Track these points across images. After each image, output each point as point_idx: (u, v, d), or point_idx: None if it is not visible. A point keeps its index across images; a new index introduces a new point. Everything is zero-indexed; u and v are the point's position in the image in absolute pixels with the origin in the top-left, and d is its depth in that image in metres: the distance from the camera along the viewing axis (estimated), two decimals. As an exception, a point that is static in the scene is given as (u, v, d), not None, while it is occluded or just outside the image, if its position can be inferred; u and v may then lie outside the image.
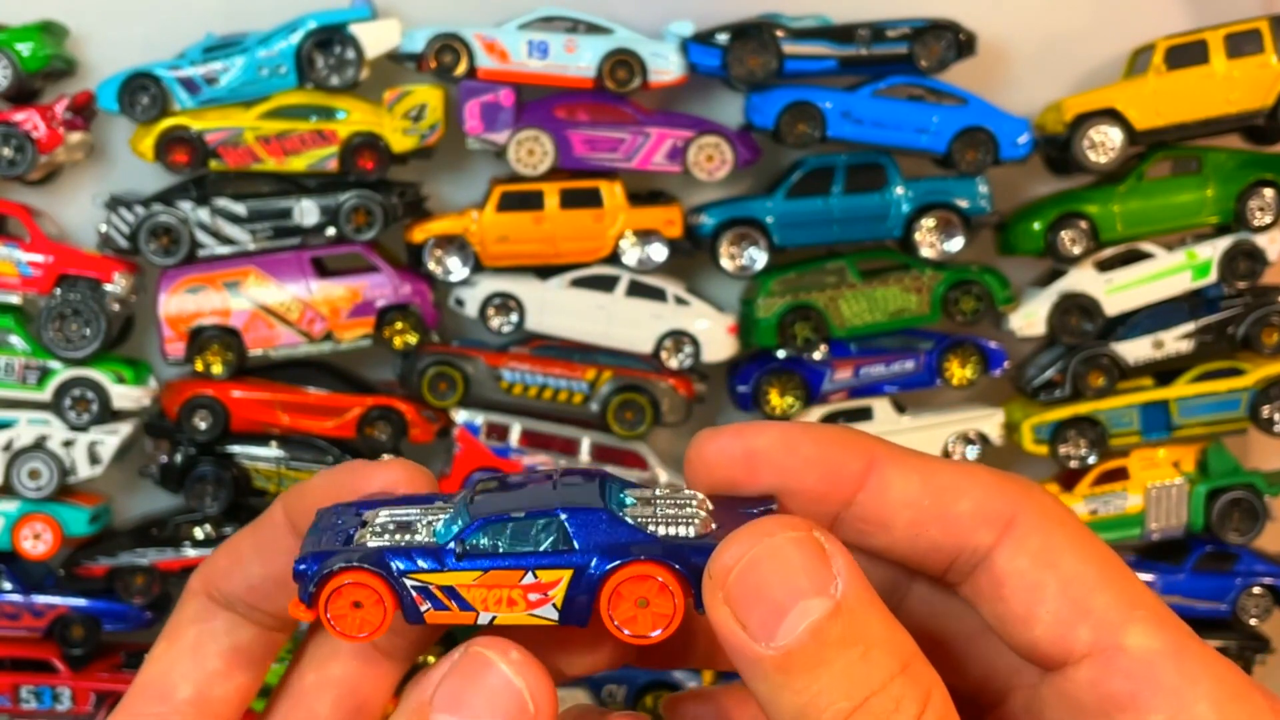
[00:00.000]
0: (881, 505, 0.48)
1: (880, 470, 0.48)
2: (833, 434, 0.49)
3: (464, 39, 1.91)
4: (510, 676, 0.44)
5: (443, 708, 0.44)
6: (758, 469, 0.48)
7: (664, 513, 0.48)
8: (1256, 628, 2.12)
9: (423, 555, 0.47)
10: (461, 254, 1.97)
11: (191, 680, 0.50)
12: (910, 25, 1.94)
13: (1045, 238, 1.99)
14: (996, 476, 0.49)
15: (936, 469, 0.48)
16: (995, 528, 0.47)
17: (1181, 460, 2.07)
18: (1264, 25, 1.96)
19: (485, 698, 0.43)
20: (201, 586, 0.52)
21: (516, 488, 0.49)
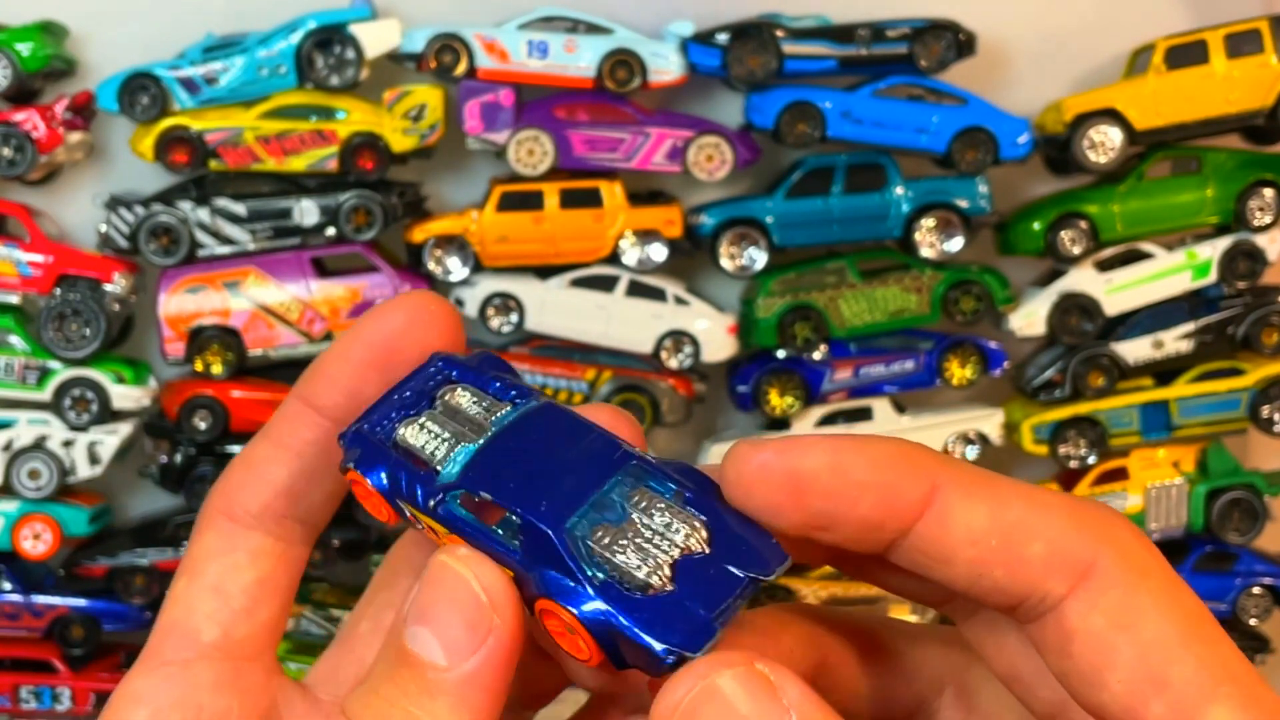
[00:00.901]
0: (942, 539, 0.42)
1: (942, 499, 0.42)
2: (890, 453, 0.43)
3: (464, 39, 1.91)
4: (462, 572, 0.43)
5: (413, 620, 0.43)
6: (804, 493, 0.42)
7: (635, 541, 0.43)
8: (1256, 628, 2.12)
9: (415, 484, 0.45)
10: (461, 254, 1.97)
11: (217, 621, 0.47)
12: (910, 25, 1.94)
13: (1045, 238, 1.99)
14: (1075, 513, 0.42)
15: (1008, 500, 0.42)
16: (1069, 577, 0.41)
17: (1181, 460, 2.07)
18: (1264, 25, 1.96)
19: (443, 599, 0.42)
20: (220, 507, 0.48)
21: (538, 438, 0.45)
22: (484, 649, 0.42)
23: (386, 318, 0.48)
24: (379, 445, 0.46)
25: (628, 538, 0.43)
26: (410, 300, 0.48)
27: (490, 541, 0.44)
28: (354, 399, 0.47)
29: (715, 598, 0.42)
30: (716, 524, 0.43)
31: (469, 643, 0.42)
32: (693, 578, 0.42)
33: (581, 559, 0.42)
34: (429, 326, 0.48)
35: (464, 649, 0.42)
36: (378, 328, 0.48)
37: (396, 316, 0.47)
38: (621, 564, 0.42)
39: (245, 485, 0.48)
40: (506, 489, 0.44)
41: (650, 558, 0.42)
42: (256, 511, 0.48)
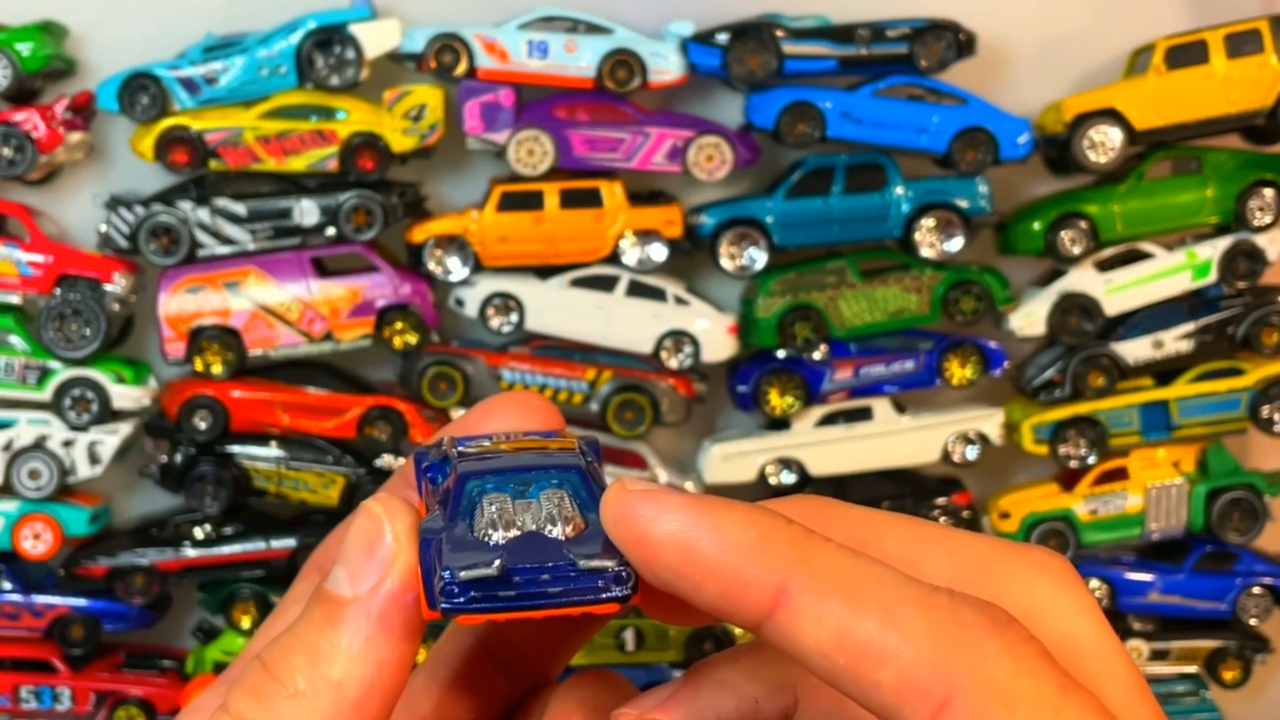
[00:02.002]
0: (791, 644, 0.38)
1: (790, 604, 0.38)
2: (743, 541, 0.39)
3: (464, 39, 1.91)
4: (372, 508, 0.44)
5: (335, 564, 0.44)
6: (653, 562, 0.40)
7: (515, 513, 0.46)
8: (1256, 628, 2.12)
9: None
10: (461, 254, 1.97)
11: None
12: (910, 25, 1.94)
13: (1045, 238, 1.99)
14: (935, 630, 0.37)
15: (861, 610, 0.37)
16: (923, 709, 0.37)
17: (1181, 460, 2.07)
18: (1264, 25, 1.96)
19: (355, 535, 0.44)
20: (315, 563, 0.50)
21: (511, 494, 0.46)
22: (386, 581, 0.43)
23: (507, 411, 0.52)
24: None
25: (512, 509, 0.45)
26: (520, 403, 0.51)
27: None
28: None
29: (526, 557, 0.43)
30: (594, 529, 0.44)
31: (370, 573, 0.43)
32: (527, 544, 0.44)
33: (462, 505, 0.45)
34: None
35: (365, 579, 0.43)
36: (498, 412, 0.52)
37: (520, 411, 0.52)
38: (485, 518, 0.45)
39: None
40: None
41: (511, 525, 0.44)
42: None
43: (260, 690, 0.43)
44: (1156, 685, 2.13)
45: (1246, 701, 2.22)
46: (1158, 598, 2.10)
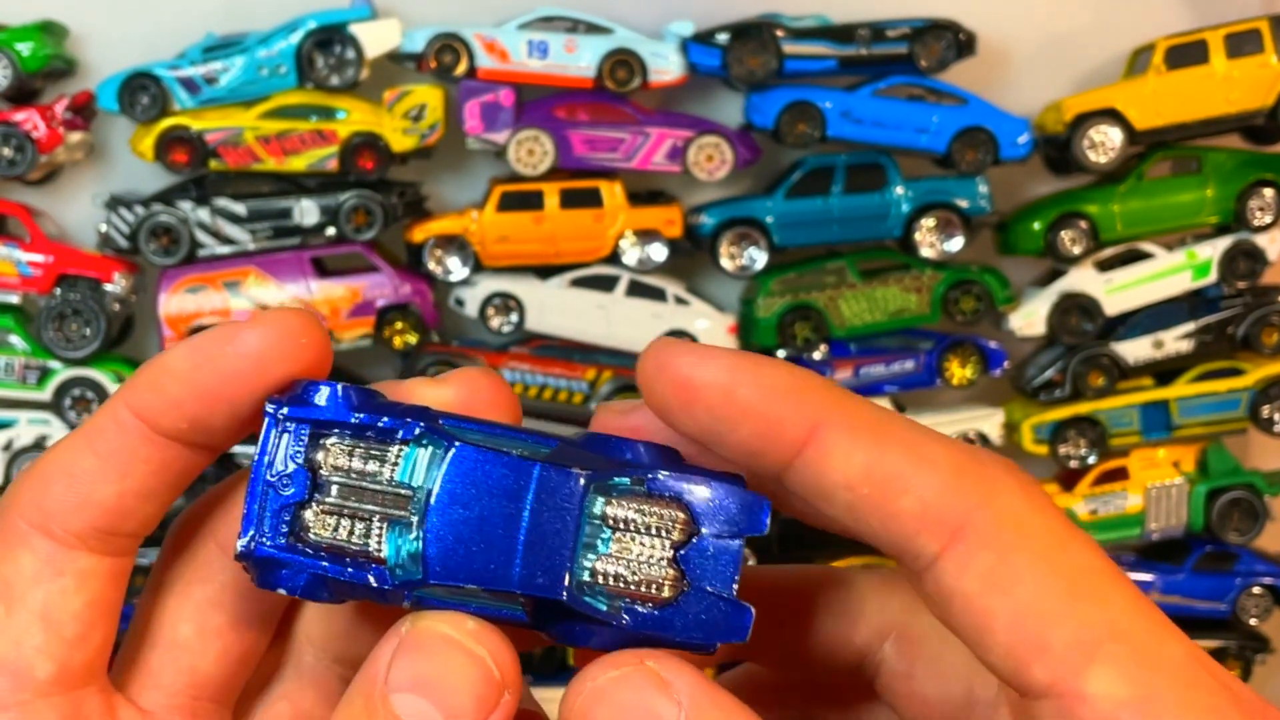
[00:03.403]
0: (818, 479, 0.40)
1: (822, 438, 0.40)
2: (780, 383, 0.40)
3: (464, 39, 1.91)
4: (470, 646, 0.40)
5: (403, 688, 0.39)
6: (692, 404, 0.41)
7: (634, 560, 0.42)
8: (1256, 628, 2.12)
9: (366, 583, 0.41)
10: (461, 254, 1.97)
11: (50, 655, 0.41)
12: (910, 25, 1.94)
13: (1045, 238, 1.99)
14: (957, 468, 0.39)
15: (888, 446, 0.40)
16: (940, 535, 0.39)
17: (1181, 460, 2.07)
18: (1264, 25, 1.96)
19: (449, 671, 0.39)
20: (35, 523, 0.42)
21: (476, 492, 0.42)
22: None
23: (243, 340, 0.42)
24: (291, 552, 0.41)
25: (625, 560, 0.42)
26: (274, 321, 0.42)
27: (485, 611, 0.41)
28: (198, 428, 0.42)
29: (725, 575, 0.41)
30: (688, 497, 0.42)
31: (475, 718, 0.39)
32: (697, 565, 0.41)
33: (598, 603, 0.41)
34: (294, 356, 0.42)
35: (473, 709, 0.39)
36: (234, 353, 0.42)
37: (254, 340, 0.42)
38: (634, 589, 0.41)
39: (67, 502, 0.42)
40: (486, 571, 0.41)
41: (653, 568, 0.41)
42: (80, 530, 0.42)
43: None
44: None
45: (1246, 701, 2.21)
46: (1158, 598, 2.10)
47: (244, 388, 0.42)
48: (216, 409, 0.42)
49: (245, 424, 0.43)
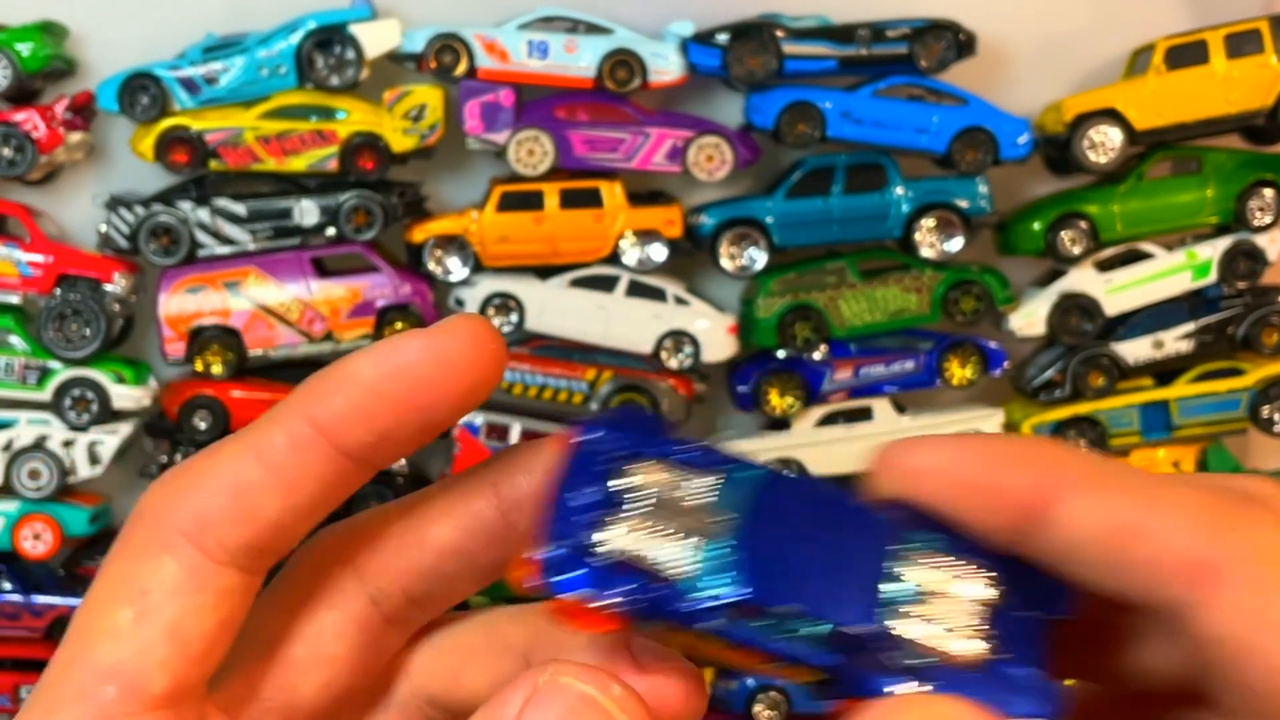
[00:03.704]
0: (1055, 543, 0.39)
1: (1053, 503, 0.38)
2: (1005, 450, 0.40)
3: (464, 39, 1.91)
4: (612, 711, 0.37)
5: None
6: (928, 489, 0.40)
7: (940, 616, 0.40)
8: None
9: (672, 600, 0.39)
10: (461, 254, 1.97)
11: (171, 672, 0.39)
12: (910, 25, 1.94)
13: (1045, 238, 1.99)
14: (1202, 506, 0.37)
15: (1125, 496, 0.38)
16: (1190, 581, 0.37)
17: (1181, 460, 2.07)
18: (1264, 25, 1.96)
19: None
20: (189, 532, 0.40)
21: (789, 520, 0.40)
22: None
23: (436, 345, 0.39)
24: (600, 560, 0.39)
25: (932, 614, 0.40)
26: (462, 327, 0.40)
27: (781, 649, 0.39)
28: (386, 441, 0.40)
29: (1032, 649, 0.40)
30: (994, 565, 0.41)
31: None
32: (1004, 635, 0.40)
33: (905, 655, 0.39)
34: (480, 361, 0.40)
35: None
36: (424, 360, 0.39)
37: (445, 344, 0.39)
38: (940, 646, 0.40)
39: (228, 514, 0.40)
40: (800, 593, 0.39)
41: (959, 633, 0.40)
42: (235, 546, 0.40)
43: None
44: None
45: (1246, 701, 2.21)
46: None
47: (437, 396, 0.39)
48: (408, 420, 0.40)
49: (428, 436, 0.41)
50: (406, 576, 0.42)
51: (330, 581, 0.44)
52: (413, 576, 0.42)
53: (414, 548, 0.42)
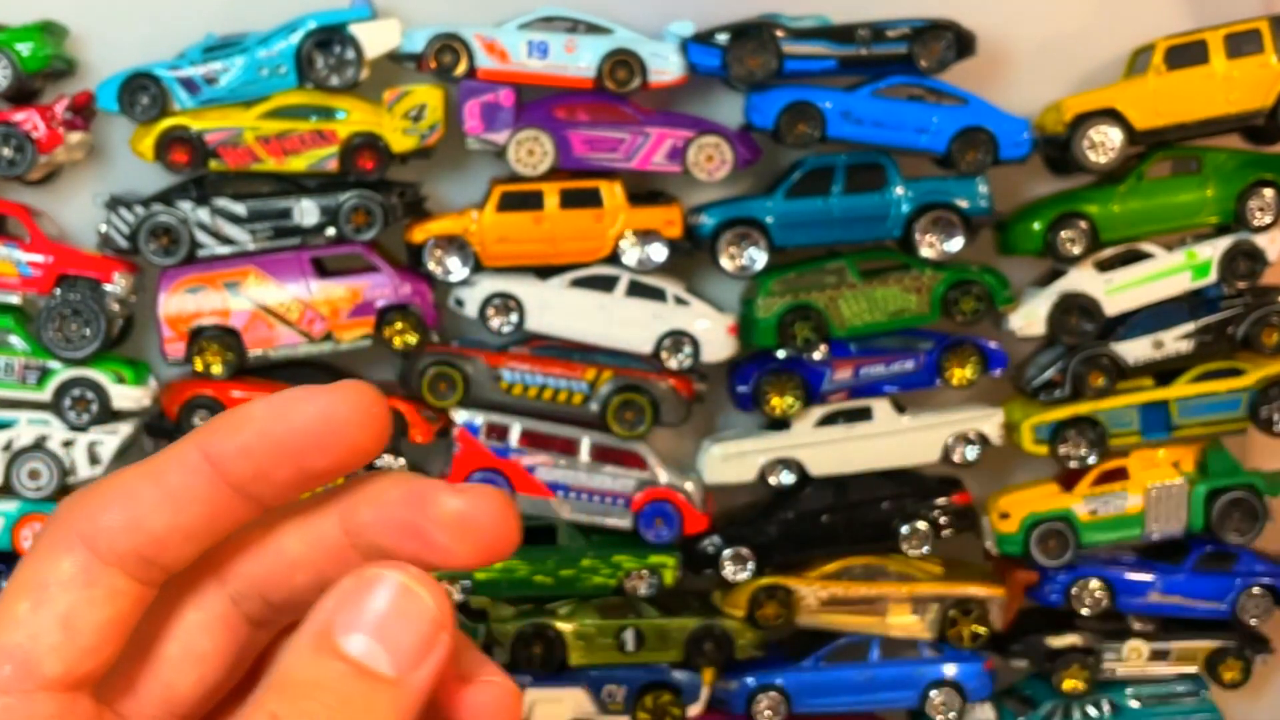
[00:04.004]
0: None
1: None
2: None
3: (464, 39, 1.91)
4: (418, 591, 0.43)
5: (348, 629, 0.43)
6: None
7: None
8: (1256, 628, 2.12)
9: None
10: (461, 254, 1.97)
11: (62, 658, 0.44)
12: (910, 25, 1.94)
13: (1045, 238, 1.99)
14: None
15: None
16: None
17: (1181, 460, 2.07)
18: (1264, 25, 1.96)
19: (395, 613, 0.43)
20: (84, 534, 0.45)
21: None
22: (431, 663, 0.43)
23: (322, 406, 0.46)
24: None
25: None
26: (350, 393, 0.46)
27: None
28: (261, 480, 0.46)
29: None
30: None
31: (417, 656, 0.43)
32: None
33: None
34: (363, 426, 0.46)
35: (412, 662, 0.43)
36: (310, 415, 0.46)
37: (332, 407, 0.46)
38: None
39: (119, 522, 0.45)
40: None
41: None
42: (123, 551, 0.45)
43: None
44: (1156, 686, 2.13)
45: (1246, 701, 2.21)
46: (1158, 598, 2.10)
47: (314, 446, 0.45)
48: (288, 465, 0.45)
49: (304, 484, 0.46)
50: (263, 583, 0.47)
51: (197, 585, 0.48)
52: (268, 583, 0.47)
53: (269, 557, 0.47)
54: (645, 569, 2.03)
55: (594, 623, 2.03)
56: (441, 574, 0.45)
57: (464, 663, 0.47)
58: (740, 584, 2.05)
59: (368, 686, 0.43)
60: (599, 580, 2.04)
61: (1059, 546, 2.04)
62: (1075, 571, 2.07)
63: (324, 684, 0.43)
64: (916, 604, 2.08)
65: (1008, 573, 2.11)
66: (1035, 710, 2.13)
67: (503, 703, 0.47)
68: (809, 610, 2.07)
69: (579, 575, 2.04)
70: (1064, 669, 2.08)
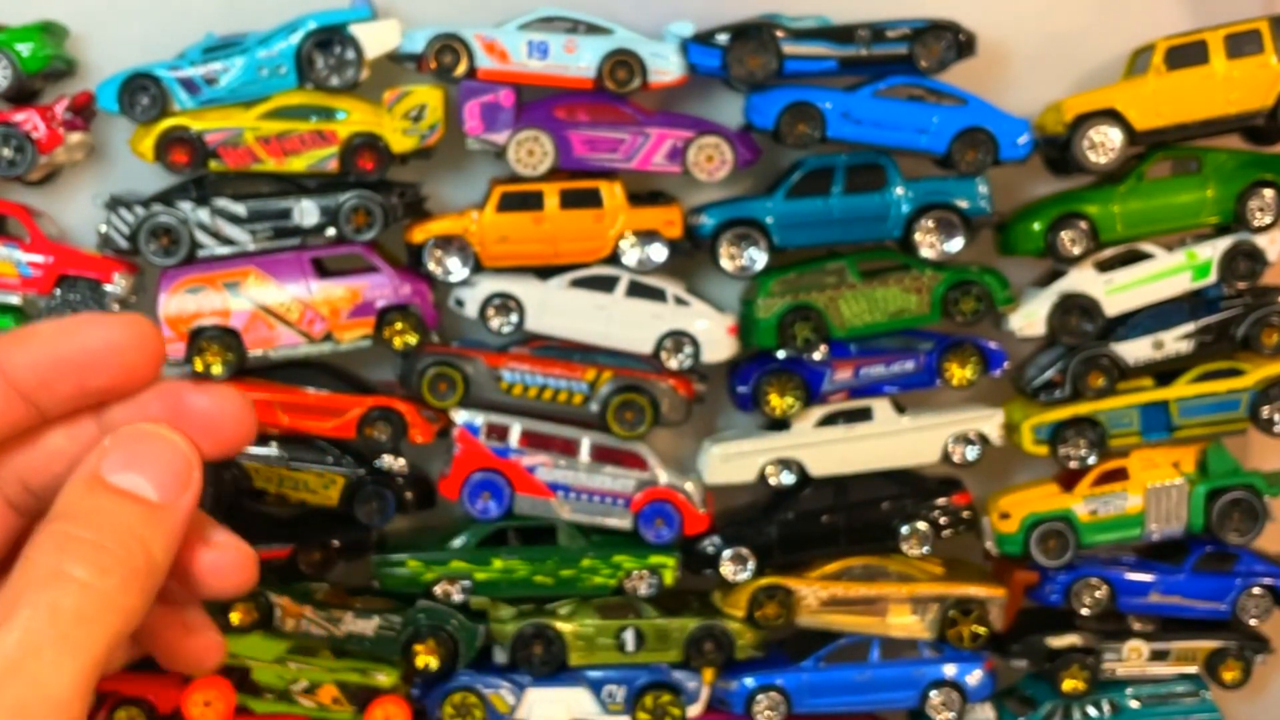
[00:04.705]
0: None
1: None
2: None
3: (464, 39, 1.91)
4: (171, 437, 0.53)
5: (116, 469, 0.52)
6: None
7: None
8: (1256, 628, 2.12)
9: None
10: (461, 254, 1.97)
11: None
12: (910, 26, 1.94)
13: (1045, 238, 1.99)
14: None
15: None
16: None
17: (1181, 460, 2.07)
18: (1264, 25, 1.96)
19: (154, 451, 0.53)
20: None
21: None
22: (188, 492, 0.53)
23: (105, 330, 0.54)
24: None
25: None
26: (130, 322, 0.54)
27: None
28: (44, 390, 0.54)
29: None
30: None
31: (178, 486, 0.53)
32: None
33: None
34: (141, 351, 0.55)
35: (175, 490, 0.53)
36: (94, 338, 0.54)
37: (114, 332, 0.54)
38: None
39: None
40: None
41: None
42: None
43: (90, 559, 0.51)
44: (1156, 686, 2.13)
45: (1246, 701, 2.22)
46: (1158, 598, 2.10)
47: (95, 365, 0.54)
48: (66, 377, 0.53)
49: (83, 399, 0.54)
50: (27, 470, 0.55)
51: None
52: (31, 471, 0.55)
53: (34, 450, 0.55)
54: (645, 569, 2.03)
55: (594, 623, 2.03)
56: (442, 574, 0.47)
57: (204, 530, 0.56)
58: (740, 584, 2.05)
59: (139, 511, 0.52)
60: (599, 580, 2.04)
61: (1059, 546, 2.04)
62: (1075, 571, 2.07)
63: (102, 511, 0.52)
64: (916, 604, 2.08)
65: (1008, 573, 2.11)
66: (1035, 710, 2.13)
67: (238, 562, 0.56)
68: (809, 610, 2.07)
69: (579, 575, 2.04)
70: (1064, 669, 2.08)
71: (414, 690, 2.05)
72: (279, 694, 2.00)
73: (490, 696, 2.03)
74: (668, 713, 2.05)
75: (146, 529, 0.53)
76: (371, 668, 2.02)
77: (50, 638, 0.50)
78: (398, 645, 2.02)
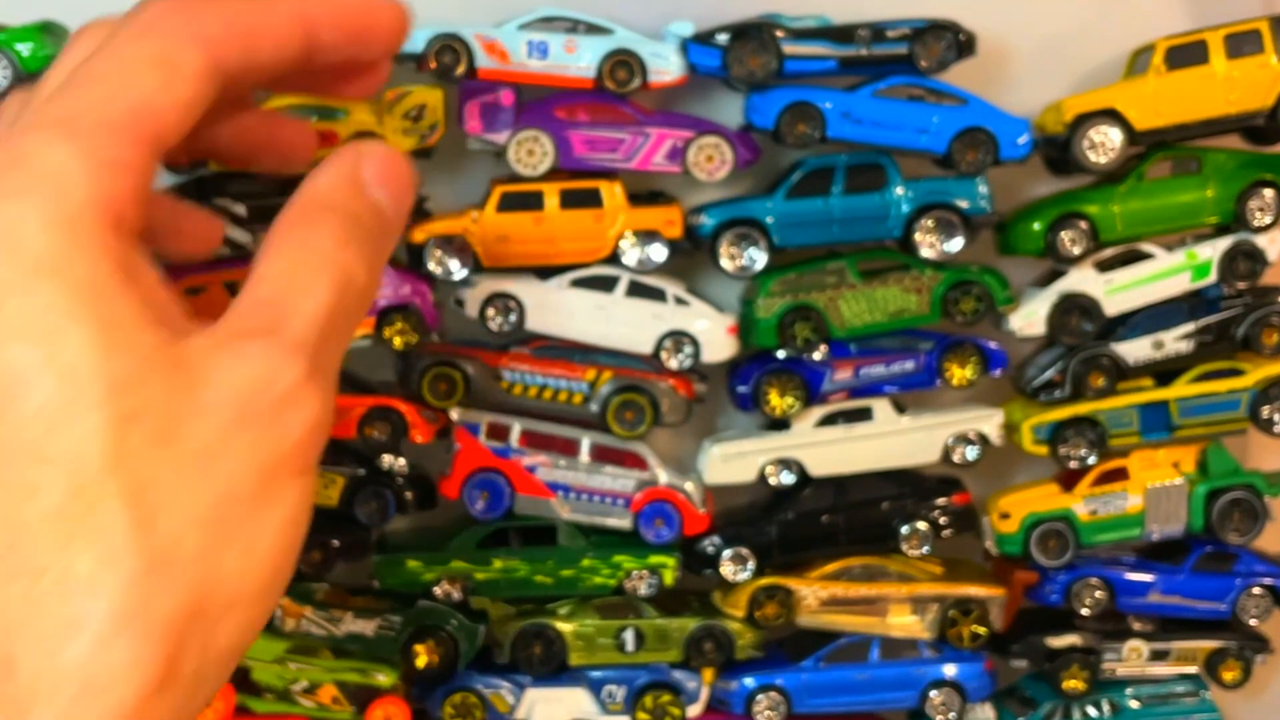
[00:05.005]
0: None
1: None
2: None
3: (464, 39, 1.91)
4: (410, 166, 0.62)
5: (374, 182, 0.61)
6: None
7: None
8: (1256, 628, 2.12)
9: None
10: (461, 254, 1.97)
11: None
12: (910, 25, 1.94)
13: (1045, 238, 1.99)
14: None
15: None
16: None
17: (1181, 460, 2.07)
18: (1264, 25, 1.96)
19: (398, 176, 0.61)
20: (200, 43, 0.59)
21: None
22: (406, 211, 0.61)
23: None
24: None
25: None
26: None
27: None
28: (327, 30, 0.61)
29: None
30: None
31: (405, 207, 0.60)
32: None
33: None
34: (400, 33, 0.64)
35: (402, 219, 0.60)
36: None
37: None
38: None
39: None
40: None
41: None
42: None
43: None
44: (1156, 686, 2.14)
45: (1246, 702, 2.22)
46: (1158, 598, 2.10)
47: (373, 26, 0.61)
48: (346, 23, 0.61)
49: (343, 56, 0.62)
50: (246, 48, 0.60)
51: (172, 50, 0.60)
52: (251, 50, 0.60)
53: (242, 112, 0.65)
54: (645, 569, 2.03)
55: (594, 623, 2.03)
56: (442, 574, 0.48)
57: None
58: (740, 584, 2.05)
59: (381, 222, 0.59)
60: (599, 580, 2.04)
61: (1059, 546, 2.05)
62: (1075, 571, 2.07)
63: (363, 219, 0.59)
64: (916, 604, 2.08)
65: (1008, 573, 2.11)
66: (1035, 710, 2.13)
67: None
68: (809, 610, 2.07)
69: (579, 575, 2.04)
70: (1064, 669, 2.08)
71: (414, 690, 2.05)
72: (279, 694, 2.01)
73: (490, 696, 2.04)
74: (668, 713, 2.05)
75: (383, 237, 0.59)
76: (371, 668, 2.02)
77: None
78: (398, 645, 2.02)
